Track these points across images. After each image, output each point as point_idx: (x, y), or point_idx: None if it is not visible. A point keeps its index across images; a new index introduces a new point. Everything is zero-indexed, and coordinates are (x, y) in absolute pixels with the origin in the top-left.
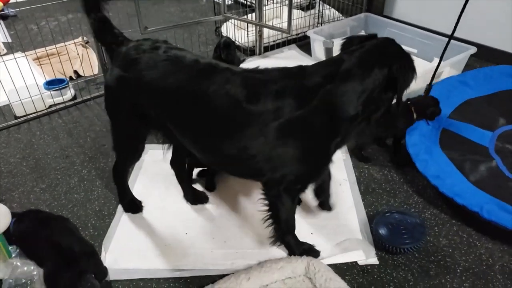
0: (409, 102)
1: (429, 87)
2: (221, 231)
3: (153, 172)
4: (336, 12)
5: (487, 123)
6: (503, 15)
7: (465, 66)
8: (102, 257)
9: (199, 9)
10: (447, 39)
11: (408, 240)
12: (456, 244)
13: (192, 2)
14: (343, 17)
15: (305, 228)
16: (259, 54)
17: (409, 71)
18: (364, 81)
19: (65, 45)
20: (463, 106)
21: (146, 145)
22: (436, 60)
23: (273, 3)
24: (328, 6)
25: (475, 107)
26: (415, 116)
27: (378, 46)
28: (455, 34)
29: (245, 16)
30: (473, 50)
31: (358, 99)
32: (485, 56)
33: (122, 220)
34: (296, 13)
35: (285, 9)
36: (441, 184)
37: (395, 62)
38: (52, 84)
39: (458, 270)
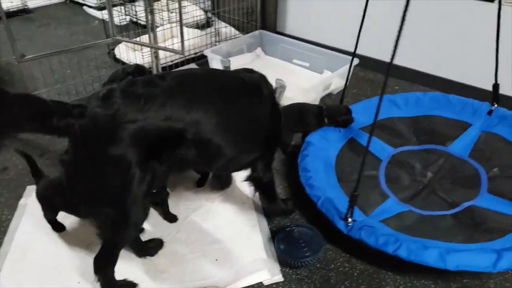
0: (324, 107)
1: (342, 96)
2: (120, 273)
3: (40, 217)
4: (233, 30)
5: (394, 140)
6: (381, 29)
7: (351, 75)
8: None
9: (90, 31)
10: (334, 52)
11: (308, 253)
12: (353, 248)
13: (83, 24)
14: (240, 35)
15: (210, 255)
16: None
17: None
18: None
19: None
20: (382, 122)
21: (29, 187)
22: (326, 72)
23: (168, 22)
24: (225, 24)
25: (393, 125)
26: (326, 120)
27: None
28: (341, 47)
29: (139, 37)
30: (356, 61)
31: None
32: (366, 65)
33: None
34: (192, 32)
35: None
36: (304, 175)
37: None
38: None
39: (355, 274)
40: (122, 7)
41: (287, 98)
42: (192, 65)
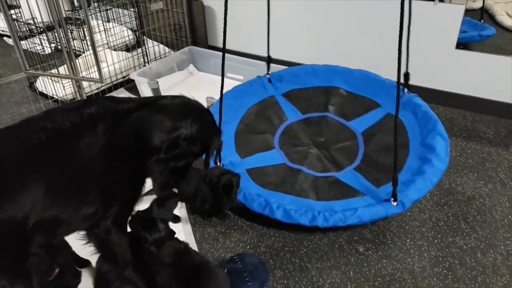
0: (208, 169)
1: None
2: None
3: None
4: (164, 48)
5: (306, 107)
6: (304, 36)
7: None
8: None
9: (11, 64)
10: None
11: (250, 283)
12: (290, 272)
13: (3, 56)
14: (172, 52)
15: None
16: None
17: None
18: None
19: None
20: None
21: None
22: None
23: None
24: (156, 43)
25: (311, 94)
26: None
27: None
28: (276, 57)
29: (63, 66)
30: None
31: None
32: None
33: None
34: (118, 55)
35: (108, 52)
36: None
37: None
38: None
39: None
40: (44, 35)
41: None
42: (121, 90)
